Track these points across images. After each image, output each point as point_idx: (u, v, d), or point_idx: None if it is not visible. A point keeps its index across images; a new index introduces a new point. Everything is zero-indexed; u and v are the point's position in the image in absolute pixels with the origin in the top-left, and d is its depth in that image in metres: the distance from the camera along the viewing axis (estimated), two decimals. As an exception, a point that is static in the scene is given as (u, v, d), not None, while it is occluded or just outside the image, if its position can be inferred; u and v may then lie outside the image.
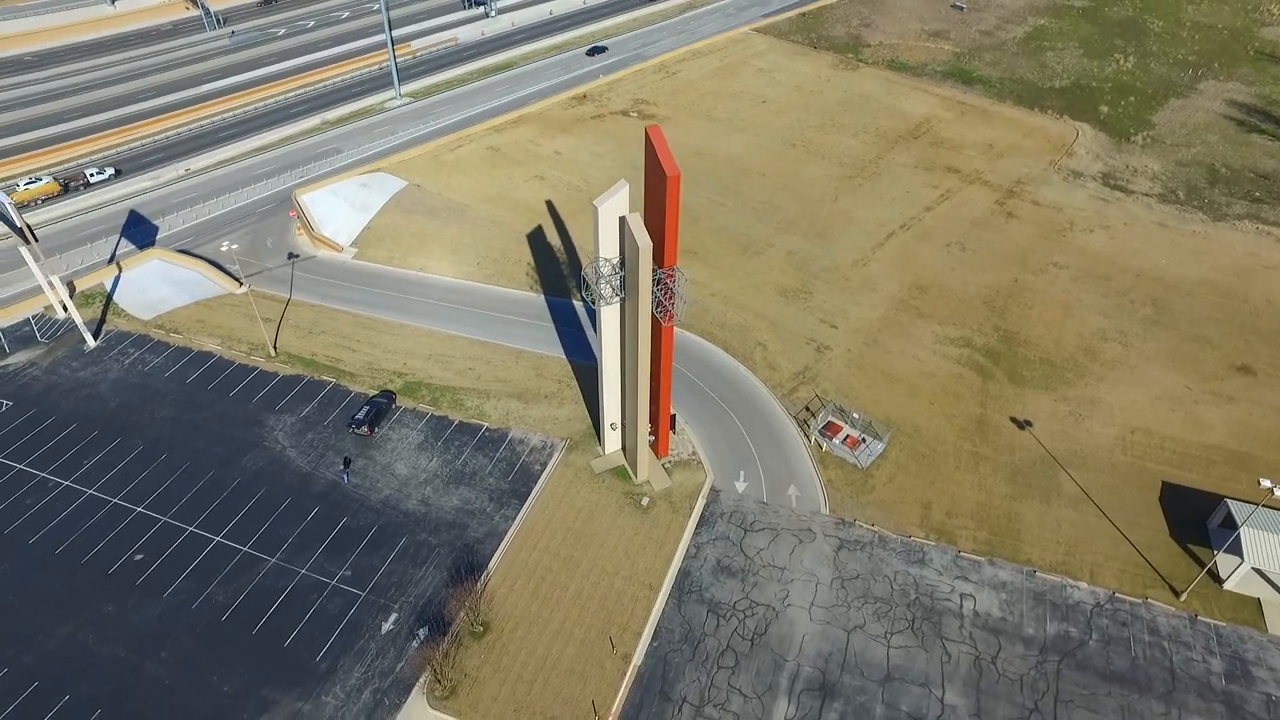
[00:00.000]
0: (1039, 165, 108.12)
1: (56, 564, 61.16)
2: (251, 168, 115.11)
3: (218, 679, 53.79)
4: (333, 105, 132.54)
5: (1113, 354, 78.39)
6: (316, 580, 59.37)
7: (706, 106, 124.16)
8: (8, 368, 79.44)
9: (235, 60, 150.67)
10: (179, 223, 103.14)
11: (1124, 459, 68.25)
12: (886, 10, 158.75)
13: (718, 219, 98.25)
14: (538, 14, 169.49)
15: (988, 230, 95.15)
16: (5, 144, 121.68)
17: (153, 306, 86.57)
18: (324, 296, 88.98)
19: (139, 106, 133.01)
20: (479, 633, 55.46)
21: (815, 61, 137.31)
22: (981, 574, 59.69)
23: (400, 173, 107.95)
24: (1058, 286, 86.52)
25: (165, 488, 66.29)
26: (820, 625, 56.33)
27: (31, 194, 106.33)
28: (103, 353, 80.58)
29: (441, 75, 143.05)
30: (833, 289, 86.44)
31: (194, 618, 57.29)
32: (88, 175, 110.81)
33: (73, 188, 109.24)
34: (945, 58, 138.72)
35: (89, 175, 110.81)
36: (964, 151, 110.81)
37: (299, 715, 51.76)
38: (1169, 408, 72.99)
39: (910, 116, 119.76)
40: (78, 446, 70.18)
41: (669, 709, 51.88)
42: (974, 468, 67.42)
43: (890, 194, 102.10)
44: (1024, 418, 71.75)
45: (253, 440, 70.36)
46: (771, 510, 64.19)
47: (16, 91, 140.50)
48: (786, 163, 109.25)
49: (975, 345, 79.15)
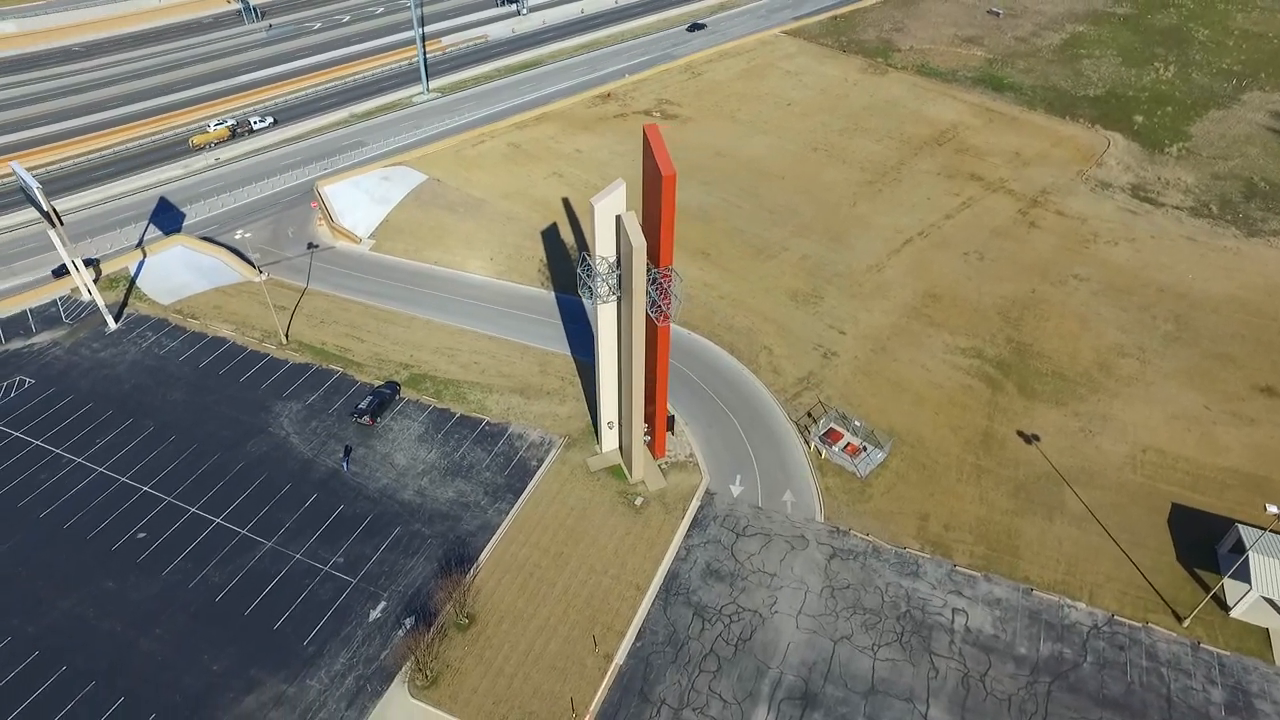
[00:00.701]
0: (1066, 175, 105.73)
1: (64, 538, 62.90)
2: (279, 158, 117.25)
3: (208, 658, 54.89)
4: (361, 99, 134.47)
5: (1129, 370, 76.36)
6: (310, 566, 60.26)
7: (730, 108, 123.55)
8: (32, 346, 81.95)
9: (270, 53, 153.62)
10: (205, 210, 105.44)
11: (1133, 478, 66.43)
12: (920, 15, 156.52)
13: (733, 221, 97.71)
14: (568, 13, 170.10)
15: (1008, 240, 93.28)
16: (48, 130, 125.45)
17: (173, 291, 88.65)
18: (339, 287, 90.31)
19: (176, 96, 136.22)
20: (464, 625, 55.83)
21: (843, 65, 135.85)
22: (976, 589, 58.53)
23: (421, 167, 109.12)
24: (1076, 299, 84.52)
25: (171, 469, 67.82)
26: (806, 634, 55.69)
27: (208, 138, 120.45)
28: (122, 335, 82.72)
29: (469, 71, 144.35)
30: (844, 294, 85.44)
31: (190, 597, 58.52)
32: (252, 123, 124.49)
33: (239, 133, 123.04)
34: (977, 64, 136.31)
35: (253, 123, 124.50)
36: (989, 159, 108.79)
37: (283, 697, 52.59)
38: (1185, 427, 70.87)
39: (936, 122, 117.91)
40: (92, 425, 72.12)
41: (647, 710, 51.70)
42: (976, 481, 66.14)
43: (910, 200, 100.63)
44: (1032, 432, 70.21)
45: (259, 426, 71.67)
46: (765, 515, 63.64)
47: (62, 80, 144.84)
48: (807, 166, 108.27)
49: (986, 356, 77.65)
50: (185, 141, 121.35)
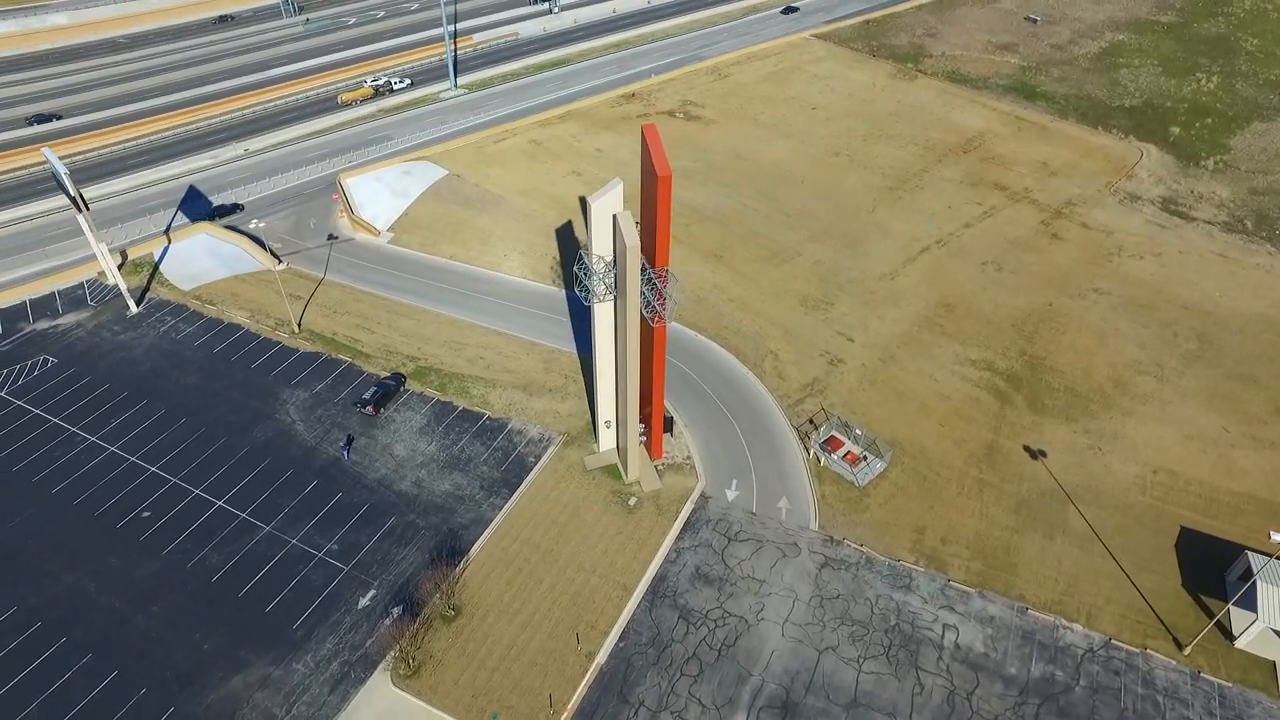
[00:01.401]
0: (1094, 186, 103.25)
1: (73, 514, 64.71)
2: (305, 150, 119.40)
3: (199, 636, 56.04)
4: (390, 93, 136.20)
5: (1145, 388, 74.30)
6: (305, 551, 61.21)
7: (754, 111, 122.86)
8: (57, 327, 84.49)
9: (305, 46, 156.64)
10: (231, 199, 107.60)
11: (1141, 499, 64.61)
12: (955, 21, 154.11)
13: (749, 224, 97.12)
14: (600, 12, 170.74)
15: (1028, 251, 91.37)
16: (90, 119, 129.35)
17: (194, 278, 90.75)
18: (355, 278, 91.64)
19: (211, 88, 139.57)
20: (450, 616, 56.26)
21: (872, 70, 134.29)
22: (969, 606, 57.40)
23: (443, 162, 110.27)
24: (1095, 314, 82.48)
25: (179, 451, 69.40)
26: (791, 642, 55.11)
27: (354, 95, 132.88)
28: (142, 319, 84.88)
29: (498, 69, 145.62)
30: (855, 301, 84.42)
31: (187, 576, 59.81)
32: (392, 84, 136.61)
33: (381, 92, 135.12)
34: (1010, 71, 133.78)
35: (393, 84, 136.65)
36: (1015, 168, 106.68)
37: (269, 679, 53.49)
38: (1200, 449, 68.75)
39: (963, 130, 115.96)
40: (107, 405, 74.11)
41: (625, 711, 51.59)
42: (977, 495, 64.88)
43: (931, 208, 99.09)
44: (1039, 447, 68.68)
45: (266, 412, 73.02)
46: (759, 521, 63.13)
47: (106, 71, 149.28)
48: (827, 171, 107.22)
49: (997, 369, 76.14)
50: (215, 132, 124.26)
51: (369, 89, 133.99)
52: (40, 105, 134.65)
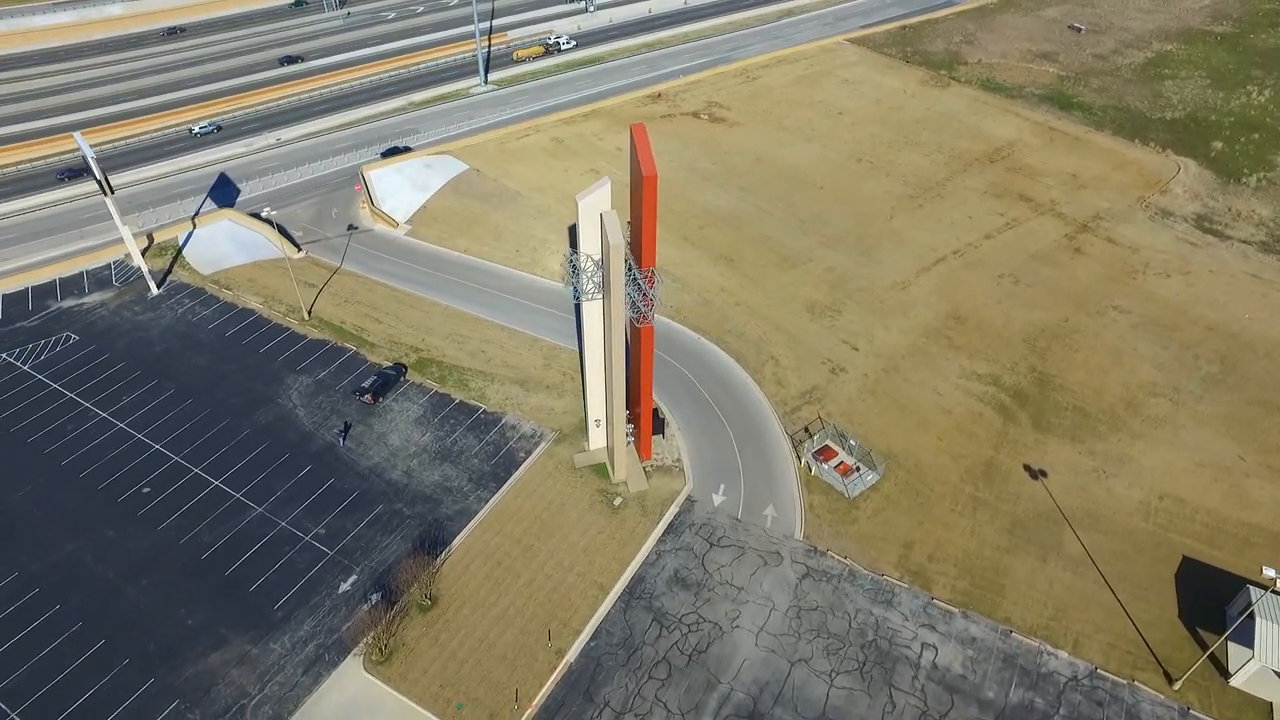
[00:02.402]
0: (1124, 201, 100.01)
1: (78, 486, 66.90)
2: (335, 141, 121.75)
3: (184, 611, 57.46)
4: (421, 88, 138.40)
5: (1158, 411, 71.71)
6: (292, 534, 62.36)
7: (780, 114, 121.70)
8: (82, 305, 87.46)
9: (344, 39, 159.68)
10: (259, 188, 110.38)
11: (1144, 525, 62.36)
12: (995, 28, 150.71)
13: (762, 228, 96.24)
14: (636, 11, 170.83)
15: (1048, 265, 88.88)
16: (134, 106, 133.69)
17: (214, 262, 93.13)
18: (370, 268, 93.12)
19: (249, 79, 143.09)
20: (426, 606, 56.79)
21: (904, 76, 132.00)
22: (951, 625, 56.02)
23: (465, 156, 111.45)
24: (1112, 332, 79.88)
25: (183, 430, 71.27)
26: (764, 652, 54.41)
27: (527, 53, 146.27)
28: (161, 301, 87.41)
29: (530, 65, 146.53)
30: (864, 310, 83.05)
31: (179, 552, 61.39)
32: (560, 43, 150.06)
33: (551, 50, 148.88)
34: (1047, 80, 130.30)
35: (560, 43, 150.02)
36: (1042, 180, 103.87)
37: (246, 657, 54.61)
38: (1211, 477, 66.11)
39: (992, 139, 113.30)
40: (120, 383, 76.47)
41: (590, 710, 51.49)
42: (971, 513, 63.31)
43: (950, 218, 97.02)
44: (1040, 467, 66.75)
45: (269, 396, 74.59)
46: (743, 528, 62.48)
47: (154, 60, 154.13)
48: (847, 177, 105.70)
49: (1004, 384, 74.20)
50: (251, 121, 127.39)
51: (539, 47, 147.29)
52: (90, 93, 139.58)
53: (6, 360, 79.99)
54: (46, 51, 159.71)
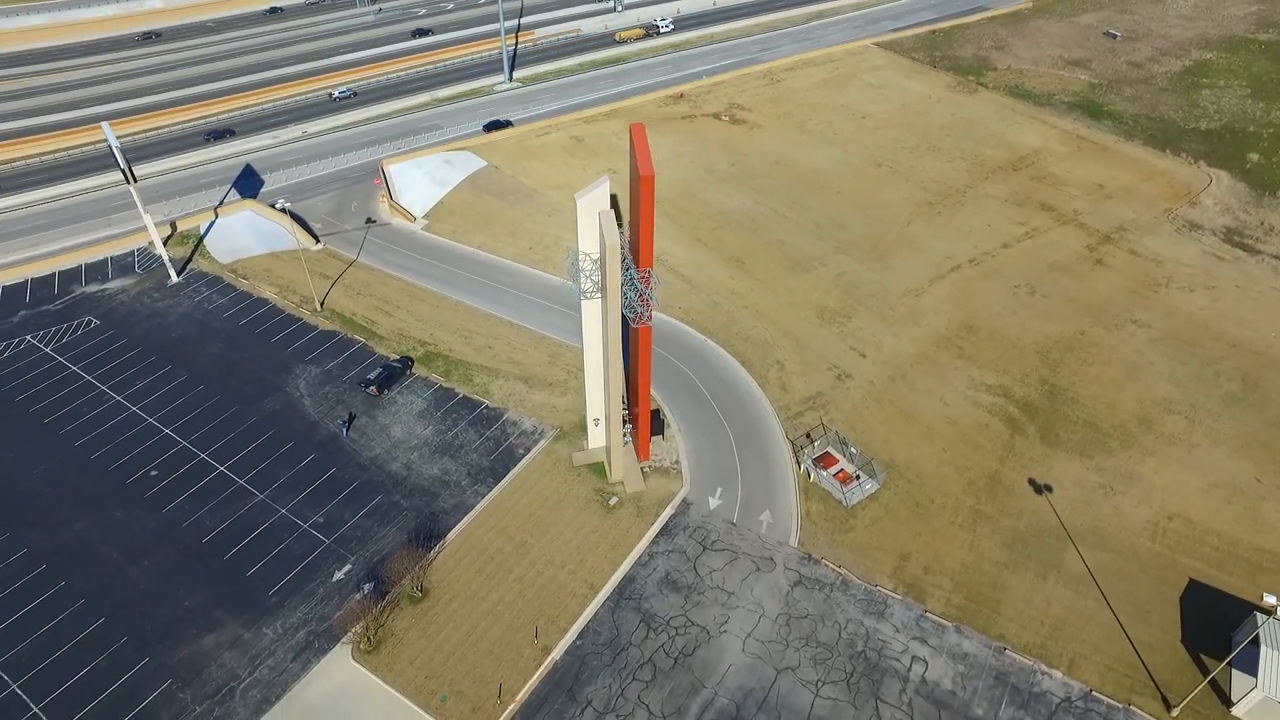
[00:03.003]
0: (1151, 212, 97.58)
1: (90, 466, 68.56)
2: (359, 135, 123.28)
3: (183, 593, 58.58)
4: (446, 84, 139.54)
5: (1173, 428, 69.85)
6: (292, 521, 63.24)
7: (802, 117, 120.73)
8: (105, 291, 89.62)
9: (374, 35, 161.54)
10: (283, 179, 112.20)
11: (1150, 545, 60.78)
12: (1027, 34, 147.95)
13: (776, 231, 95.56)
14: (664, 12, 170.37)
15: (1067, 276, 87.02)
16: (169, 97, 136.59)
17: (234, 252, 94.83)
18: (385, 261, 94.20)
19: (280, 71, 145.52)
20: (417, 598, 57.24)
21: (930, 81, 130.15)
22: (943, 639, 55.09)
23: (484, 153, 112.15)
24: (1129, 346, 77.99)
25: (193, 416, 72.66)
26: (751, 658, 53.99)
27: (629, 35, 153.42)
28: (180, 288, 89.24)
29: (555, 64, 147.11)
30: (874, 316, 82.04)
31: (181, 535, 62.60)
32: (660, 26, 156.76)
33: (650, 33, 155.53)
34: (1078, 88, 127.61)
35: (660, 26, 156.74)
36: (1066, 189, 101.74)
37: (239, 640, 55.50)
38: (1225, 498, 64.22)
39: (1017, 147, 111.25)
40: (136, 368, 78.21)
41: (572, 709, 51.50)
42: (971, 526, 62.21)
43: (969, 225, 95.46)
44: (1045, 482, 65.39)
45: (277, 385, 75.76)
46: (738, 532, 62.06)
47: (190, 53, 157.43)
48: (866, 182, 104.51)
49: (1013, 396, 72.82)
50: (278, 114, 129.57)
51: (640, 29, 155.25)
52: (127, 84, 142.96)
53: (31, 342, 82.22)
54: (87, 44, 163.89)
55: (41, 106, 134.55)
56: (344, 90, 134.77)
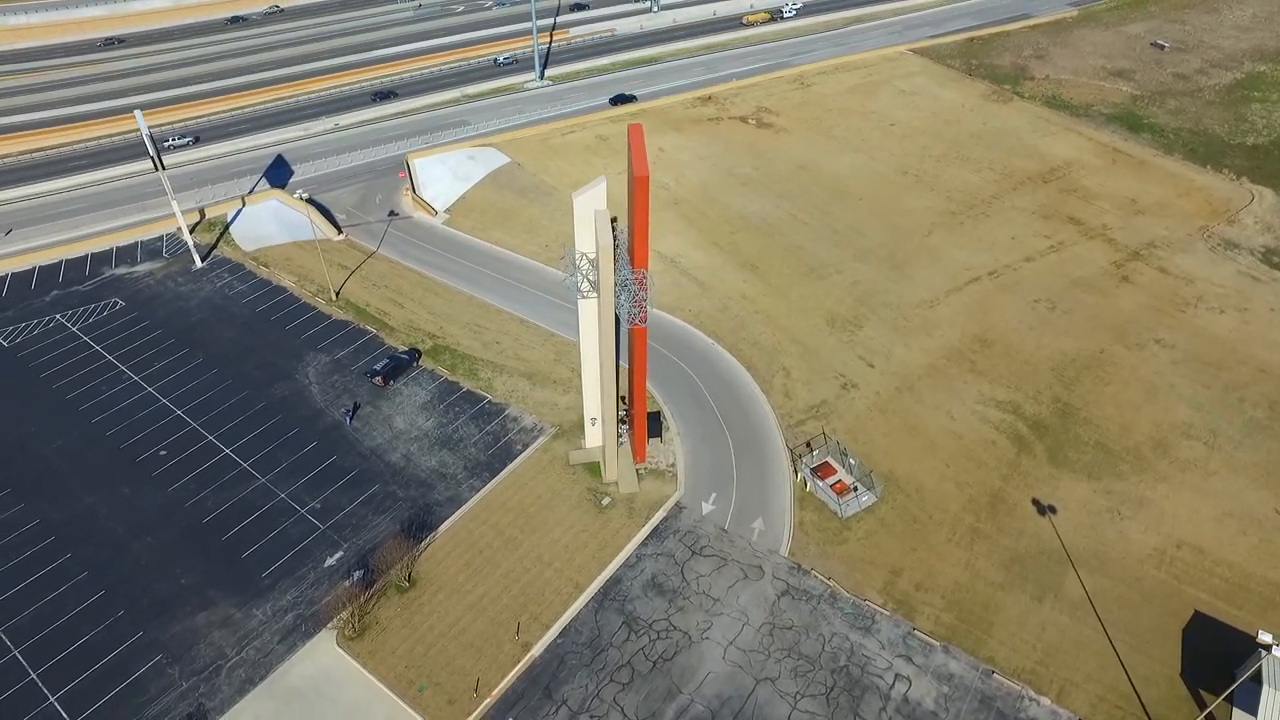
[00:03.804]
0: (1184, 229, 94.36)
1: (104, 443, 70.65)
2: (388, 129, 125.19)
3: (180, 570, 60.01)
4: (477, 80, 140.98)
5: (1190, 454, 67.44)
6: (290, 506, 64.37)
7: (829, 122, 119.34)
8: (133, 273, 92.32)
9: (412, 30, 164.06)
10: (312, 170, 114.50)
11: (1156, 574, 58.74)
12: (1069, 43, 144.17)
13: (794, 237, 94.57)
14: (700, 14, 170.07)
15: (1090, 292, 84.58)
16: (208, 87, 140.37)
17: (257, 240, 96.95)
18: (403, 254, 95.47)
19: (317, 64, 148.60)
20: (404, 588, 57.84)
21: (964, 89, 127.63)
22: (929, 659, 53.92)
23: (508, 150, 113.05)
24: (1150, 366, 75.51)
25: (205, 398, 74.43)
26: (730, 667, 53.47)
27: (755, 18, 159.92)
28: (203, 274, 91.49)
29: (587, 63, 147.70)
30: (886, 326, 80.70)
31: (183, 514, 64.13)
32: (783, 11, 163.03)
33: (775, 18, 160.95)
34: (1119, 99, 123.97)
35: (784, 11, 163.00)
36: (1097, 203, 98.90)
37: (229, 620, 56.67)
38: (1239, 528, 61.79)
39: (1049, 158, 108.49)
40: (155, 350, 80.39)
41: (547, 706, 51.56)
42: (968, 544, 60.80)
43: (992, 237, 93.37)
44: (1049, 502, 63.63)
45: (288, 371, 77.22)
46: (728, 539, 61.52)
47: (232, 45, 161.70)
48: (890, 189, 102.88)
49: (1024, 413, 71.00)
50: (310, 107, 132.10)
51: (765, 14, 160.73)
52: (169, 74, 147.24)
53: (59, 321, 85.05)
54: (141, 34, 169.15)
55: (91, 94, 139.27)
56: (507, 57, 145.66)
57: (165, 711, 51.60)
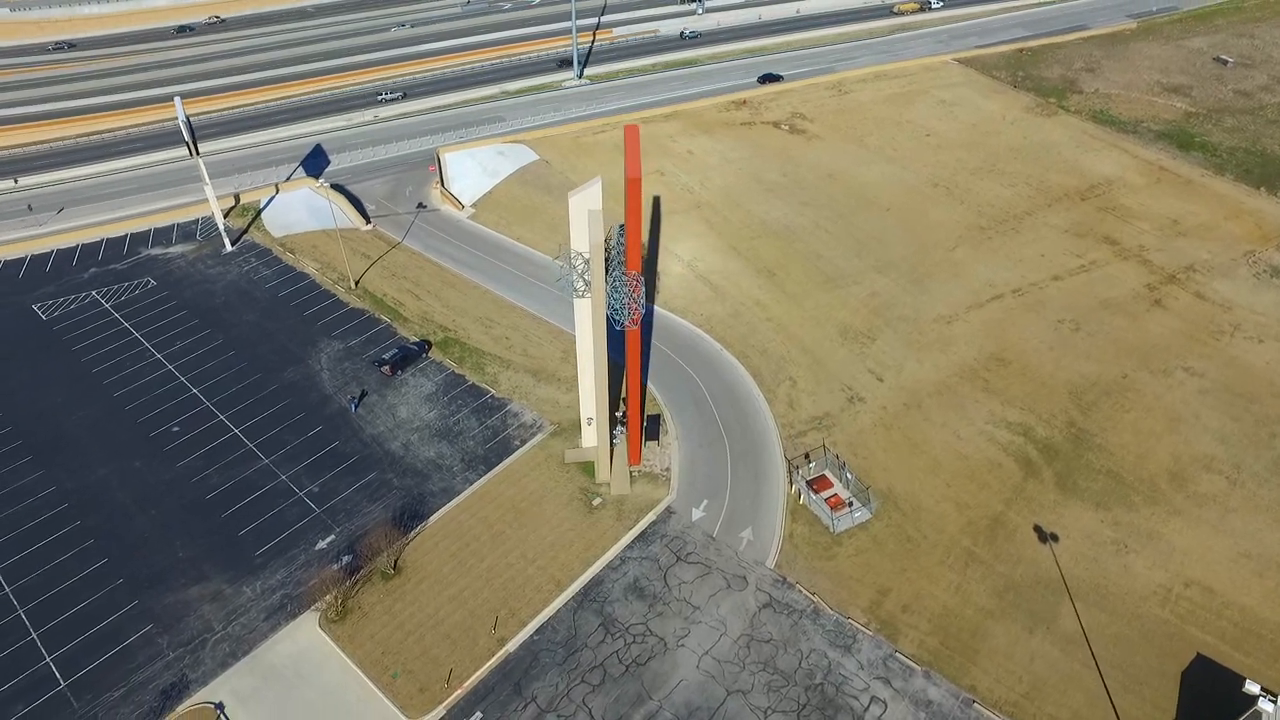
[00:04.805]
0: (1229, 254, 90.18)
1: (123, 417, 73.28)
2: (425, 122, 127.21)
3: (179, 544, 61.88)
4: (517, 77, 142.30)
5: (1210, 488, 64.44)
6: (289, 488, 65.84)
7: (863, 131, 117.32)
8: (167, 255, 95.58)
9: (457, 26, 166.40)
10: (348, 160, 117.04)
11: (1158, 612, 56.25)
12: (1124, 56, 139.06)
13: (814, 245, 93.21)
14: (745, 17, 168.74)
15: (1118, 315, 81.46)
16: (254, 77, 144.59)
17: (286, 227, 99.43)
18: (426, 246, 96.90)
19: (363, 57, 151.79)
20: (389, 575, 58.66)
21: (1007, 101, 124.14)
22: (909, 683, 52.56)
23: (539, 147, 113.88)
24: (1175, 395, 72.37)
25: (220, 379, 76.63)
26: (703, 676, 52.91)
27: (906, 7, 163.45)
28: (232, 257, 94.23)
29: (628, 63, 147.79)
30: (900, 340, 78.98)
31: (188, 490, 66.13)
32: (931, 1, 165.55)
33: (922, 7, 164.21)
34: (1171, 116, 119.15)
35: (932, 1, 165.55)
36: (1136, 223, 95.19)
37: (219, 594, 58.22)
38: (1256, 570, 58.79)
39: (1089, 175, 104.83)
40: (179, 329, 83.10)
41: (516, 701, 51.73)
42: (962, 568, 59.10)
43: (1020, 254, 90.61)
44: (1052, 530, 61.47)
45: (301, 356, 79.03)
46: (715, 547, 60.91)
47: (284, 36, 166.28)
48: (918, 201, 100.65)
49: (1035, 436, 68.74)
50: (352, 99, 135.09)
51: (915, 4, 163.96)
52: (232, 61, 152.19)
53: (94, 297, 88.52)
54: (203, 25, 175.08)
55: (151, 80, 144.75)
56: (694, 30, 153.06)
57: (150, 679, 53.26)
